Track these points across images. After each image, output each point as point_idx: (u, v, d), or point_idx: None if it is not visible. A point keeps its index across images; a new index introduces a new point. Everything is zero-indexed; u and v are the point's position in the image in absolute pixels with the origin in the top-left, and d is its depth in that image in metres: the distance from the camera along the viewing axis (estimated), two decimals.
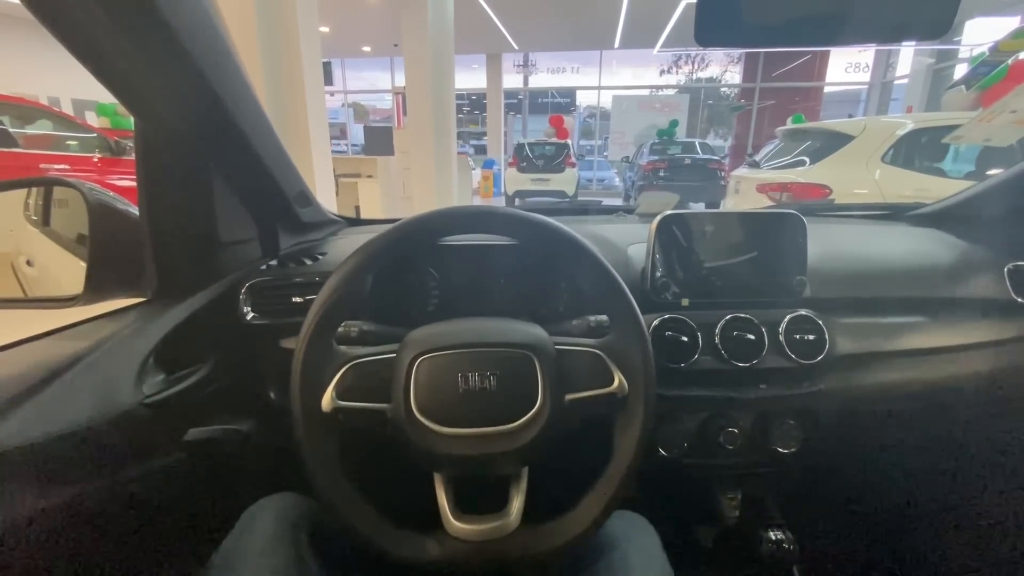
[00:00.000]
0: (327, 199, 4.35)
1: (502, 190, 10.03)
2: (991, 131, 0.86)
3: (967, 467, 0.89)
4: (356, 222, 1.04)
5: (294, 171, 0.78)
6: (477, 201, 10.90)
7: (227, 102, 0.58)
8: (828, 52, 11.61)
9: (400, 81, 7.46)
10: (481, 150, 13.84)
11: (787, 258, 0.78)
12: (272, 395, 0.75)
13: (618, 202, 10.04)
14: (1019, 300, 0.82)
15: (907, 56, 10.41)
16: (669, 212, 0.77)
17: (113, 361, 0.59)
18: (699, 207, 0.77)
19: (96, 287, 0.65)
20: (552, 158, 9.16)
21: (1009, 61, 1.80)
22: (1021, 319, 0.83)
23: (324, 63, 12.63)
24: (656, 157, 8.59)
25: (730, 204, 4.31)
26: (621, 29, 9.49)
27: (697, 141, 9.48)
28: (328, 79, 12.96)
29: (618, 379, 0.55)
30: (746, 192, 3.75)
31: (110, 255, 0.66)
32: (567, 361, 0.57)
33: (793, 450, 0.75)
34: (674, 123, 10.22)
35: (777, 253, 0.78)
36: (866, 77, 11.78)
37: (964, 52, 8.99)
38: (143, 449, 0.59)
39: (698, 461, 0.76)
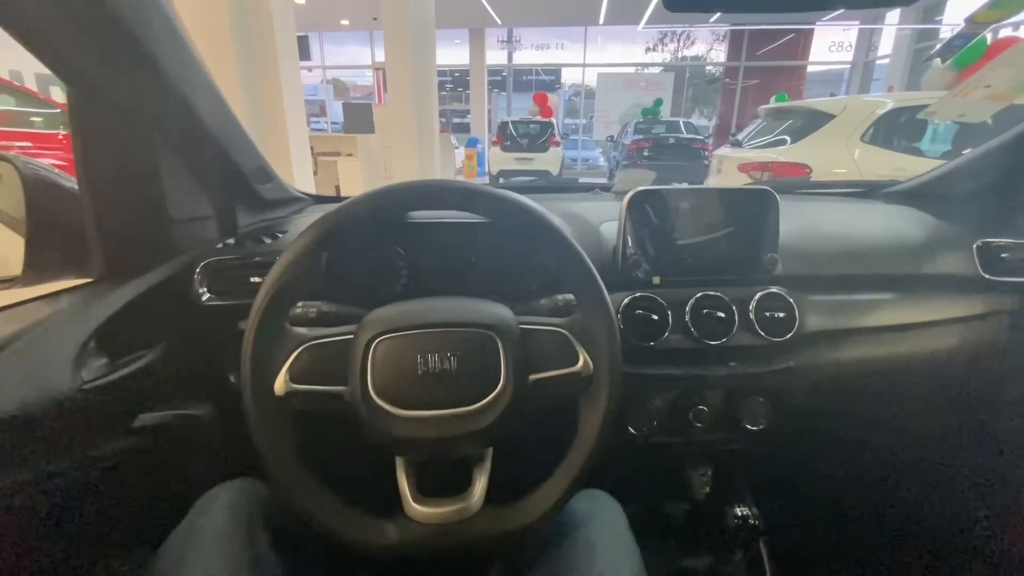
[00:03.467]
0: (305, 178, 4.25)
1: (486, 170, 9.91)
2: (966, 106, 0.86)
3: (936, 442, 0.91)
4: (322, 200, 1.00)
5: (251, 146, 0.75)
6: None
7: (169, 71, 0.55)
8: (812, 31, 11.59)
9: (381, 56, 7.24)
10: (463, 128, 13.61)
11: (759, 235, 0.77)
12: (232, 379, 0.73)
13: (603, 181, 10.00)
14: (987, 276, 0.83)
15: (889, 36, 10.43)
16: (641, 188, 0.76)
17: (48, 345, 0.56)
18: (683, 187, 0.76)
19: (36, 267, 0.62)
20: (536, 137, 9.05)
21: (988, 38, 1.79)
22: (989, 295, 0.84)
23: (300, 37, 12.23)
24: (640, 136, 8.54)
25: (712, 183, 4.31)
26: (606, 4, 9.32)
27: (681, 120, 9.44)
28: (305, 54, 12.54)
29: (583, 358, 0.54)
30: (728, 171, 3.76)
31: (50, 233, 0.62)
32: (532, 341, 0.55)
33: (762, 427, 0.75)
34: (658, 102, 10.16)
35: (749, 230, 0.77)
36: (849, 56, 11.80)
37: (945, 32, 9.03)
38: (85, 436, 0.56)
39: (668, 439, 0.77)
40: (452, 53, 13.88)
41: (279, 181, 0.87)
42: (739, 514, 0.81)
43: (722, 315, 0.73)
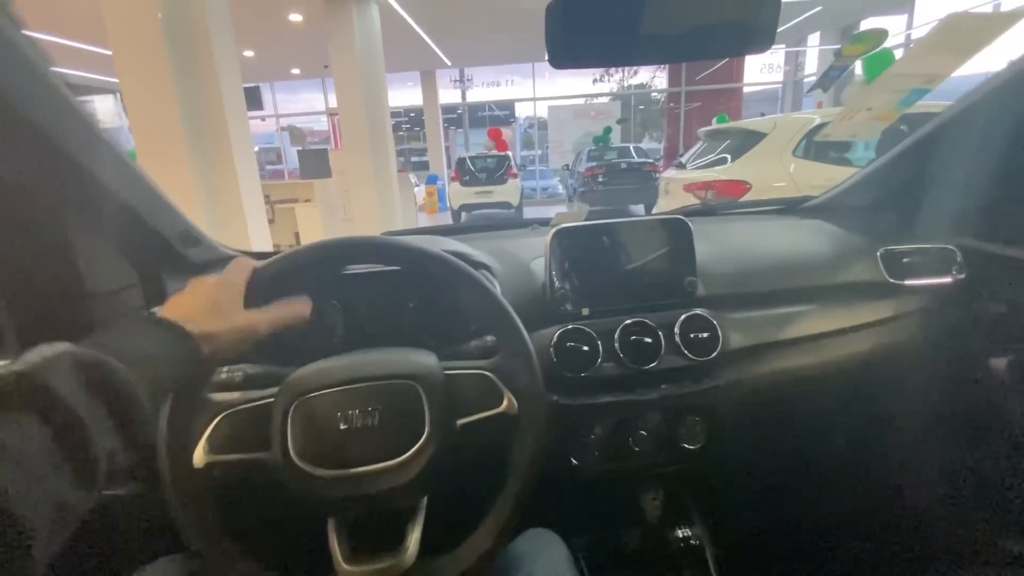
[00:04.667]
0: (260, 228, 4.19)
1: (448, 205, 10.02)
2: (854, 128, 0.94)
3: (862, 440, 0.95)
4: (259, 256, 1.00)
5: (171, 210, 0.75)
6: (423, 217, 10.81)
7: (67, 147, 0.54)
8: (743, 56, 12.34)
9: (334, 102, 7.32)
10: (423, 166, 13.77)
11: (677, 261, 0.81)
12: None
13: (563, 208, 10.19)
14: (892, 281, 0.89)
15: (813, 56, 11.25)
16: (562, 225, 0.79)
17: None
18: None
19: None
20: (494, 170, 9.25)
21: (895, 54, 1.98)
22: (897, 299, 0.90)
23: (252, 88, 12.21)
24: (594, 163, 8.83)
25: (662, 204, 4.48)
26: None
27: (632, 146, 9.82)
28: (257, 104, 12.56)
29: (507, 399, 0.55)
30: (675, 192, 3.91)
31: None
32: (457, 385, 0.56)
33: (700, 445, 0.78)
34: (608, 129, 10.56)
35: (667, 257, 0.81)
36: (779, 76, 12.64)
37: None
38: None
39: (612, 466, 0.78)
40: (406, 94, 14.16)
41: (208, 243, 0.86)
42: (681, 536, 0.82)
43: (649, 340, 0.76)
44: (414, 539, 0.53)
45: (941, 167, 0.94)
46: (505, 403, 0.55)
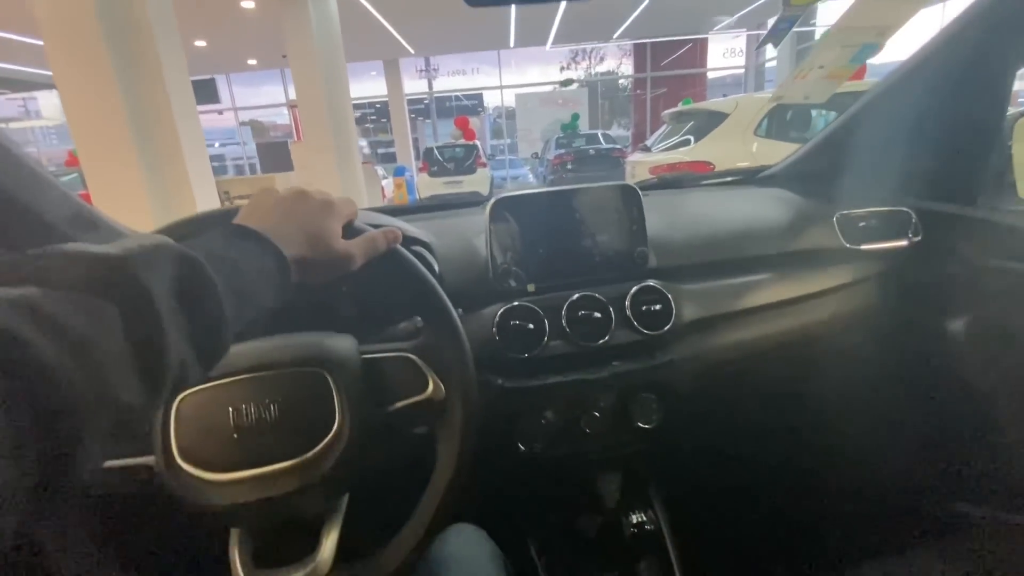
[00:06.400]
0: None
1: (416, 196, 9.84)
2: (807, 88, 0.91)
3: (823, 411, 0.93)
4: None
5: (56, 190, 0.65)
6: None
7: None
8: (706, 41, 12.50)
9: (294, 94, 7.06)
10: (391, 158, 13.49)
11: (627, 231, 0.76)
12: None
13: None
14: (848, 246, 0.86)
15: None
16: (501, 196, 0.73)
17: None
18: (544, 189, 0.76)
19: None
20: (463, 160, 9.11)
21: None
22: (854, 264, 0.87)
23: (206, 80, 11.73)
24: (562, 151, 8.80)
25: None
26: (513, 28, 9.62)
27: (599, 132, 9.83)
28: (213, 97, 12.07)
29: (433, 383, 0.50)
30: (640, 175, 3.90)
31: None
32: (378, 371, 0.50)
33: (655, 424, 0.73)
34: (575, 116, 10.54)
35: (616, 226, 0.76)
36: (741, 61, 12.81)
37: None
38: None
39: (562, 451, 0.73)
40: (370, 85, 13.82)
41: (112, 227, 0.77)
42: (638, 521, 0.78)
43: (599, 315, 0.71)
44: (329, 544, 0.46)
45: (895, 128, 0.92)
46: (430, 388, 0.49)
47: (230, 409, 0.44)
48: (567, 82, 12.35)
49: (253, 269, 0.37)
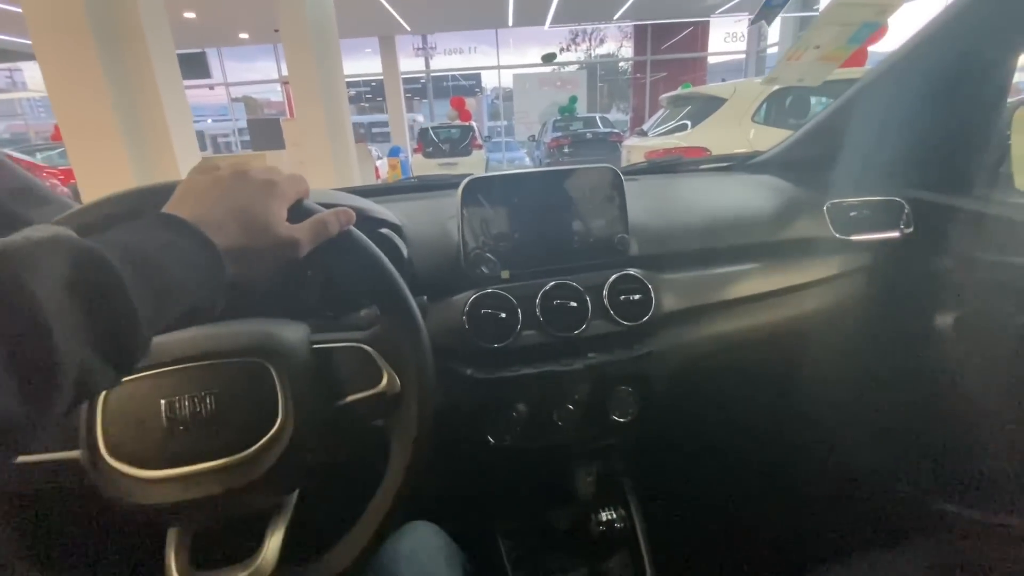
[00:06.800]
0: None
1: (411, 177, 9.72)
2: (802, 70, 0.86)
3: (805, 408, 0.91)
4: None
5: (6, 167, 0.62)
6: None
7: None
8: (708, 25, 12.29)
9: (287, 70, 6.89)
10: (385, 137, 13.27)
11: (607, 216, 0.73)
12: None
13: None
14: (838, 236, 0.83)
15: (776, 26, 11.22)
16: (474, 176, 0.69)
17: None
18: (521, 171, 0.72)
19: None
20: (458, 141, 8.97)
21: None
22: (843, 255, 0.84)
23: (196, 54, 11.44)
24: (559, 134, 8.68)
25: None
26: (512, 6, 9.40)
27: (598, 116, 9.68)
28: (203, 71, 11.78)
29: (387, 376, 0.46)
30: (636, 160, 3.84)
31: None
32: (329, 362, 0.47)
33: (632, 418, 0.71)
34: (573, 99, 10.38)
35: (597, 211, 0.73)
36: (743, 47, 12.62)
37: None
38: None
39: (533, 444, 0.70)
40: (365, 63, 13.53)
41: (65, 204, 0.73)
42: (608, 518, 0.76)
43: (575, 304, 0.68)
44: (273, 544, 0.44)
45: (891, 115, 0.88)
46: (385, 381, 0.46)
47: (162, 402, 0.41)
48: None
49: (177, 263, 0.33)
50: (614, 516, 0.77)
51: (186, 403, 0.41)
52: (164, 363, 0.42)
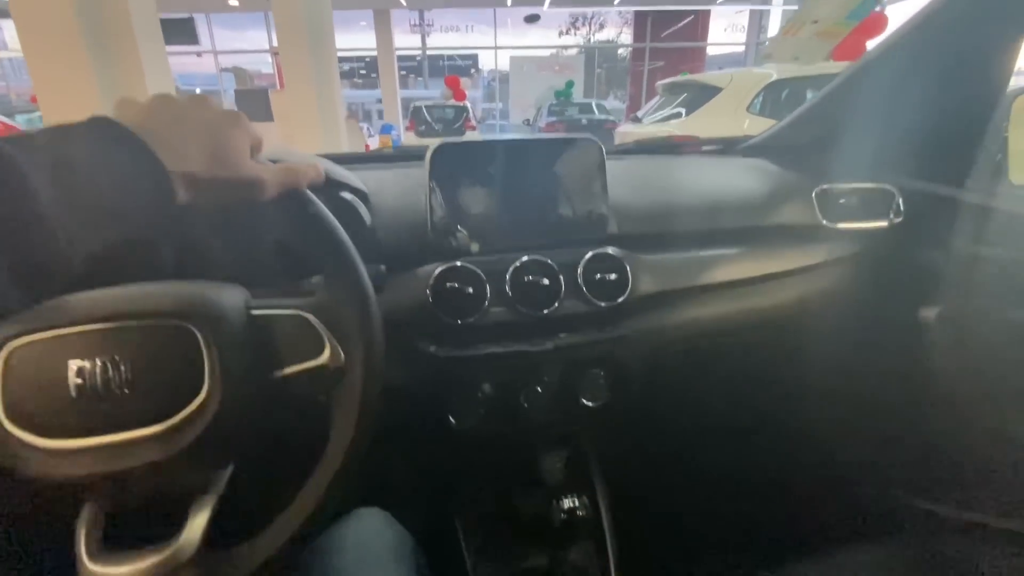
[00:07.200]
0: None
1: None
2: (798, 46, 0.83)
3: (784, 397, 0.89)
4: None
5: None
6: None
7: None
8: (708, 14, 12.14)
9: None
10: (378, 115, 13.00)
11: (586, 190, 0.69)
12: None
13: None
14: (825, 223, 0.80)
15: (776, 17, 11.14)
16: (444, 142, 0.65)
17: None
18: (495, 139, 0.69)
19: None
20: (451, 121, 8.81)
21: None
22: (830, 243, 0.81)
23: (184, 19, 11.07)
24: (554, 118, 8.58)
25: None
26: None
27: (594, 102, 9.57)
28: (192, 38, 11.39)
29: (329, 348, 0.43)
30: None
31: None
32: (267, 330, 0.43)
33: (602, 402, 0.68)
34: (570, 84, 10.24)
35: (575, 185, 0.69)
36: (743, 37, 12.51)
37: None
38: None
39: (498, 428, 0.67)
40: (359, 37, 13.19)
41: None
42: (571, 506, 0.74)
43: (547, 281, 0.64)
44: (197, 525, 0.40)
45: (886, 100, 0.85)
46: (327, 354, 0.42)
47: (71, 365, 0.37)
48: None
49: (116, 179, 0.29)
50: (580, 504, 0.74)
51: (97, 367, 0.37)
52: (75, 321, 0.37)
